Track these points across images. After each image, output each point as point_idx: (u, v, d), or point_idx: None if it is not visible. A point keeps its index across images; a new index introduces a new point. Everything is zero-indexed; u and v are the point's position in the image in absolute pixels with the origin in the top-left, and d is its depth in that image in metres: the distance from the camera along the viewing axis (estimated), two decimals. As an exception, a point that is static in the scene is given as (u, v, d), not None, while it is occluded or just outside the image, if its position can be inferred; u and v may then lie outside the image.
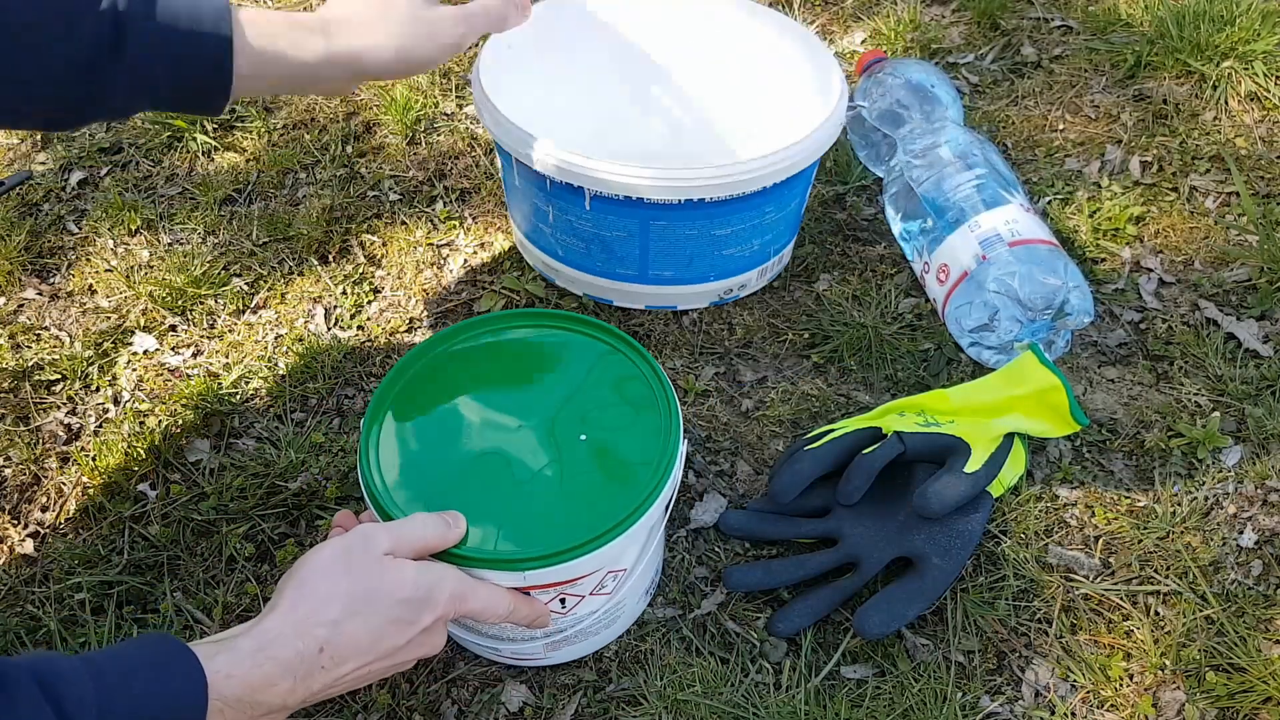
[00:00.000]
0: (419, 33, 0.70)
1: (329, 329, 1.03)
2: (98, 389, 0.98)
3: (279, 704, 0.54)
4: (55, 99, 0.60)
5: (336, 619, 0.55)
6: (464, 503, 0.65)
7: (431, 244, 1.11)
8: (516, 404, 0.72)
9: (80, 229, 1.13)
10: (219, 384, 0.98)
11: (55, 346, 1.02)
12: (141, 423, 0.95)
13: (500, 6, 0.76)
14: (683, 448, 0.70)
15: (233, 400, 0.96)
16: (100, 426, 0.95)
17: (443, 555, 0.63)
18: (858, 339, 0.99)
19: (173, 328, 1.04)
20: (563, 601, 0.69)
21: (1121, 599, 0.81)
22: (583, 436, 0.70)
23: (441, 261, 1.09)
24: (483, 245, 1.11)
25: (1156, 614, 0.80)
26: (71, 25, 0.58)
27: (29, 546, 0.86)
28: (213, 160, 1.22)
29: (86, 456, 0.92)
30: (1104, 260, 1.07)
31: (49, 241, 1.12)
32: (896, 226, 1.06)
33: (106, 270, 1.09)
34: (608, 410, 0.72)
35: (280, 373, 0.98)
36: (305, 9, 1.36)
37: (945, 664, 0.78)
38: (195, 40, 0.61)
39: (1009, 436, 0.86)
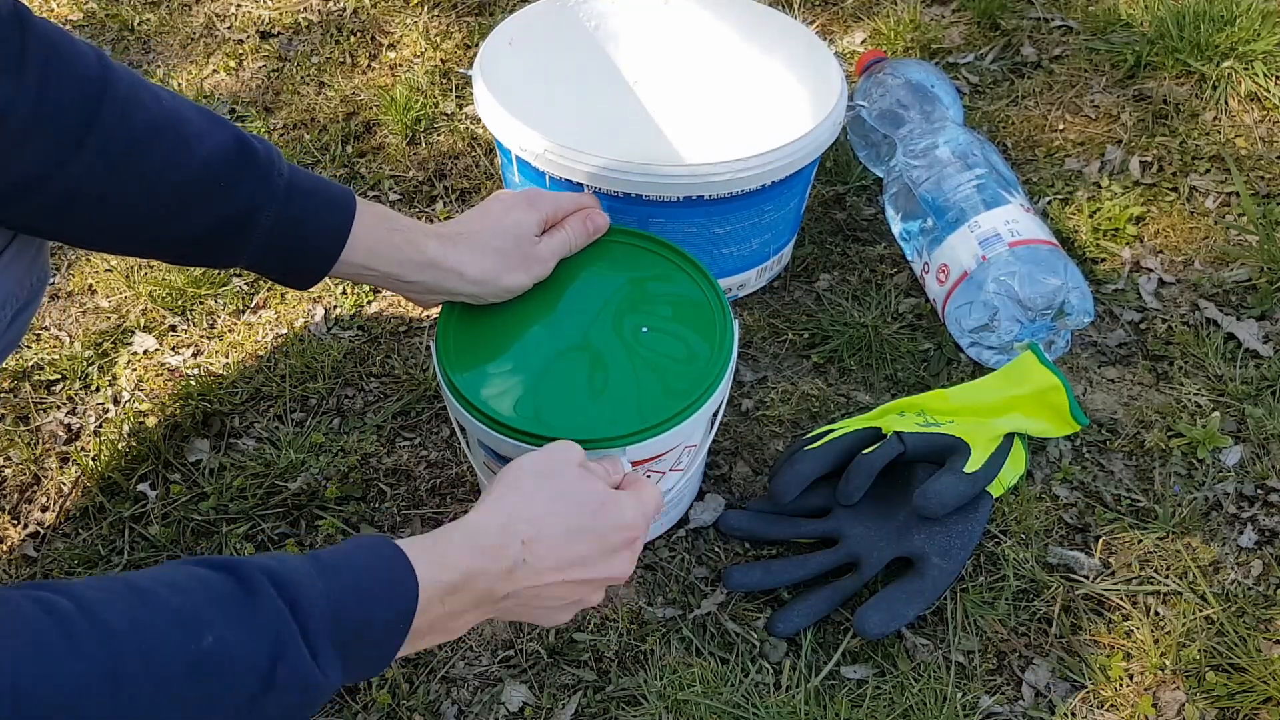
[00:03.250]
0: (519, 265, 0.75)
1: (329, 329, 1.03)
2: (98, 389, 0.98)
3: (487, 594, 0.57)
4: (168, 253, 0.68)
5: (536, 517, 0.59)
6: (553, 395, 0.73)
7: (431, 244, 1.11)
8: (577, 306, 0.79)
9: (80, 229, 1.13)
10: (219, 384, 0.98)
11: (55, 346, 1.02)
12: (141, 423, 0.95)
13: (583, 238, 0.80)
14: (735, 329, 0.77)
15: (233, 400, 0.96)
16: (100, 426, 0.95)
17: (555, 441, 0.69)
18: (858, 339, 0.99)
19: (173, 328, 1.04)
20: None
21: (1121, 599, 0.81)
22: (645, 329, 0.77)
23: (441, 261, 1.09)
24: (483, 245, 1.11)
25: (1156, 614, 0.80)
26: (208, 199, 0.64)
27: (29, 546, 0.86)
28: (213, 160, 1.22)
29: (86, 456, 0.92)
30: (1104, 260, 1.07)
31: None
32: (896, 226, 1.06)
33: (106, 270, 1.09)
34: (659, 303, 0.79)
35: (280, 373, 0.98)
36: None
37: (945, 664, 0.78)
38: (314, 233, 0.68)
39: (1009, 436, 0.86)
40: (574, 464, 0.63)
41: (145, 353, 1.01)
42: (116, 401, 0.97)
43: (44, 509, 0.89)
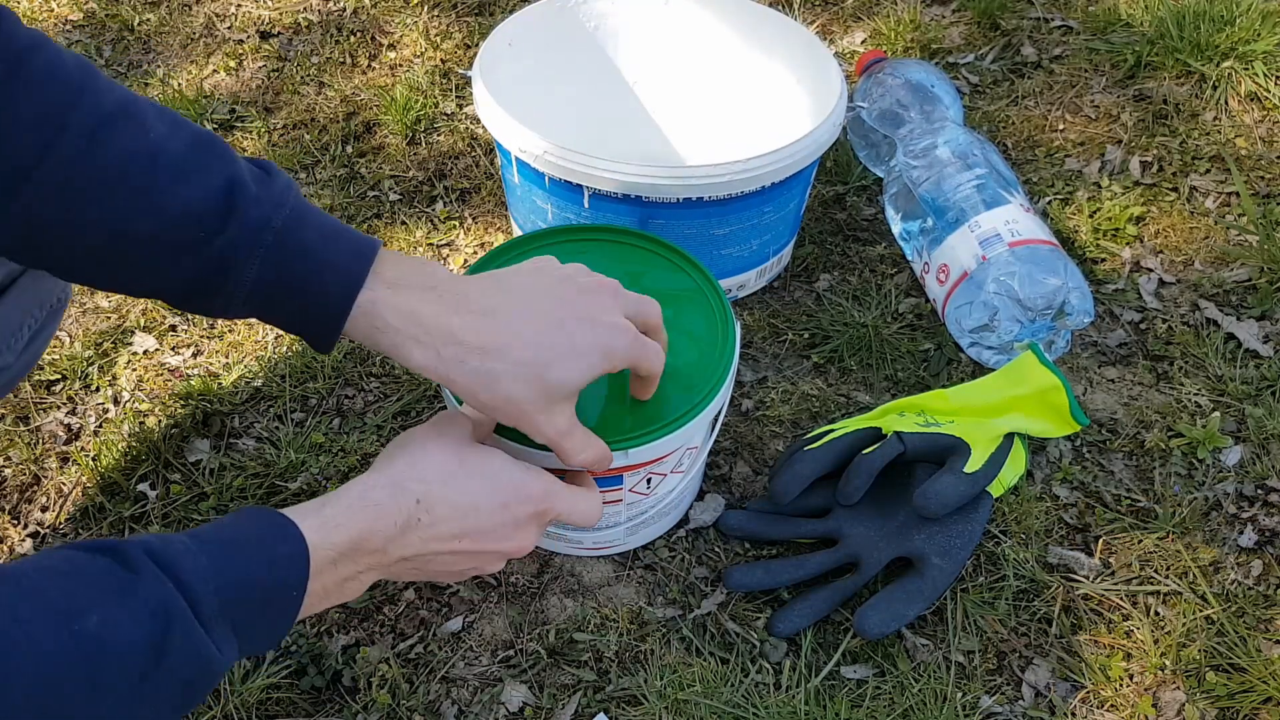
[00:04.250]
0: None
1: (329, 329, 1.03)
2: (98, 389, 0.98)
3: (381, 554, 0.56)
4: (155, 297, 0.59)
5: (431, 479, 0.58)
6: None
7: (431, 244, 1.11)
8: None
9: (80, 229, 1.13)
10: (219, 384, 0.98)
11: (55, 346, 1.02)
12: (141, 423, 0.95)
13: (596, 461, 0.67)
14: (737, 329, 0.76)
15: (233, 400, 0.96)
16: (100, 426, 0.95)
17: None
18: (858, 339, 0.99)
19: (173, 328, 1.04)
20: (648, 482, 0.76)
21: (1121, 599, 0.81)
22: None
23: (442, 261, 1.09)
24: (483, 245, 1.11)
25: (1156, 614, 0.80)
26: (200, 245, 0.55)
27: (29, 546, 0.86)
28: (213, 160, 1.22)
29: (86, 456, 0.92)
30: (1104, 260, 1.07)
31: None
32: (896, 226, 1.06)
33: (106, 270, 1.09)
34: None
35: (280, 373, 0.98)
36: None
37: (945, 664, 0.78)
38: (314, 292, 0.58)
39: (1009, 436, 0.86)
40: (466, 430, 0.62)
41: (145, 353, 1.01)
42: (116, 401, 0.97)
43: (44, 509, 0.89)
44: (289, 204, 0.57)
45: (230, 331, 1.03)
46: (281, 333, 1.02)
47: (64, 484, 0.90)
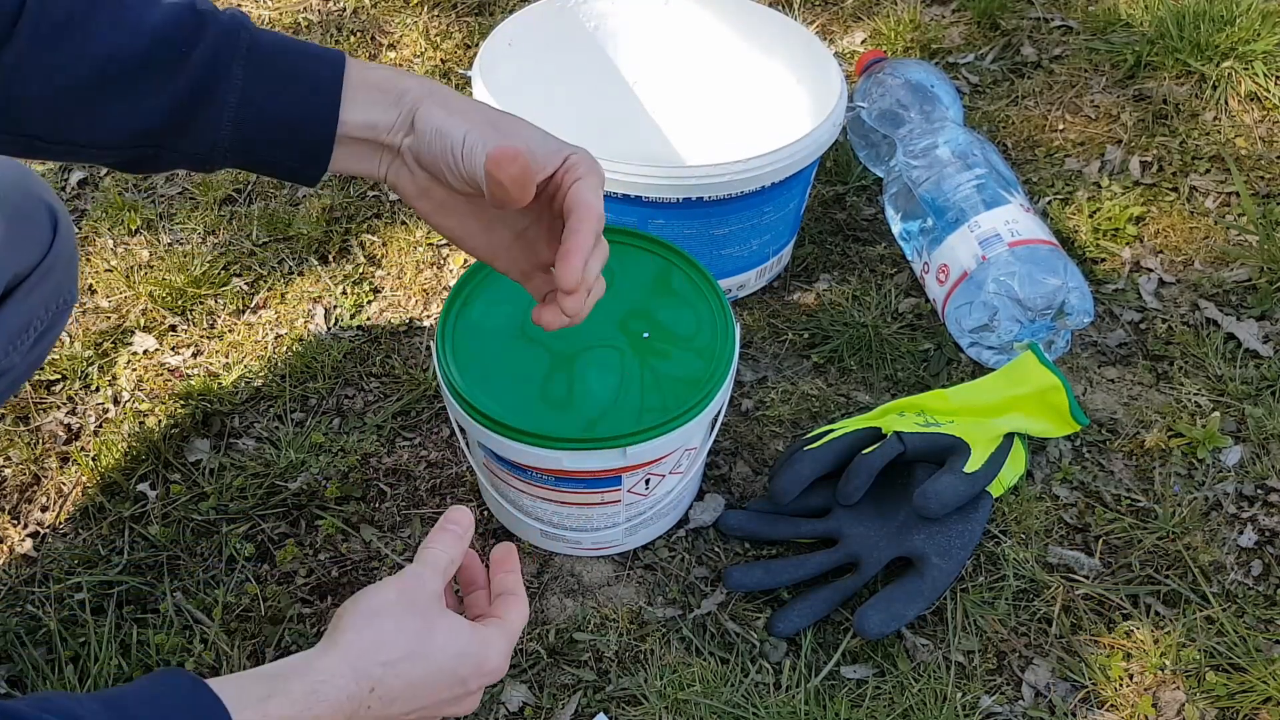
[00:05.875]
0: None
1: (329, 329, 1.03)
2: (98, 389, 0.98)
3: None
4: (135, 146, 0.55)
5: (391, 661, 0.54)
6: (553, 397, 0.73)
7: (431, 244, 1.11)
8: None
9: (80, 229, 1.13)
10: (219, 384, 0.98)
11: (55, 346, 1.01)
12: (141, 423, 0.95)
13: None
14: (737, 329, 0.77)
15: (233, 400, 0.96)
16: (100, 426, 0.95)
17: (553, 442, 0.69)
18: (858, 339, 0.99)
19: (173, 328, 1.04)
20: (647, 483, 0.77)
21: (1121, 599, 0.81)
22: (645, 333, 0.77)
23: (441, 261, 1.09)
24: (483, 245, 1.10)
25: (1156, 614, 0.80)
26: (169, 70, 0.53)
27: (29, 546, 0.86)
28: (213, 160, 1.22)
29: (86, 456, 0.92)
30: (1104, 260, 1.07)
31: (49, 241, 1.12)
32: (896, 226, 1.06)
33: (106, 270, 1.09)
34: (659, 305, 0.79)
35: (280, 373, 0.98)
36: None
37: (945, 664, 0.78)
38: (298, 93, 0.55)
39: (1009, 436, 0.86)
40: (434, 594, 0.57)
41: (145, 353, 1.01)
42: (116, 401, 0.97)
43: (44, 509, 0.89)
44: (250, 22, 0.55)
45: (230, 331, 1.03)
46: (281, 333, 1.02)
47: (64, 484, 0.90)
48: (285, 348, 1.01)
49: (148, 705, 0.47)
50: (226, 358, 1.00)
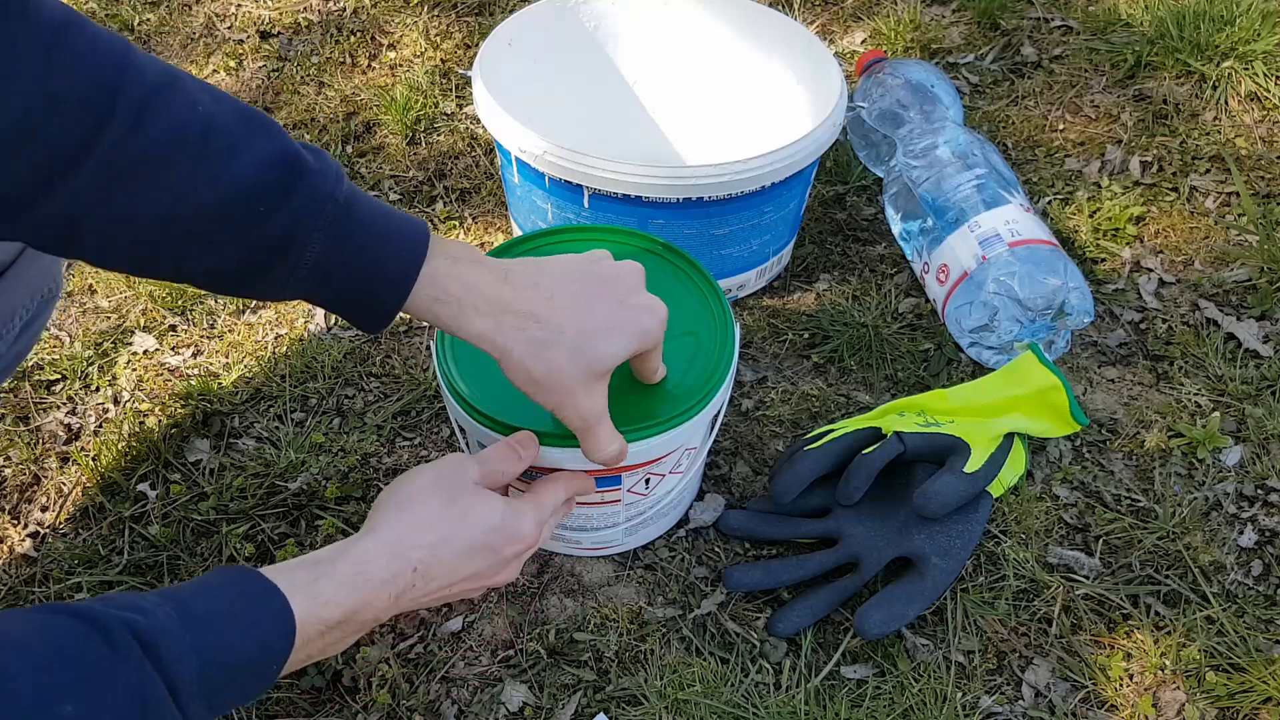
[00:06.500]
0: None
1: (329, 329, 1.03)
2: (98, 389, 0.98)
3: (373, 619, 0.56)
4: (202, 283, 0.57)
5: (432, 543, 0.57)
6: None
7: (431, 244, 1.11)
8: None
9: (80, 229, 1.13)
10: (219, 384, 0.98)
11: (55, 346, 1.02)
12: (141, 423, 0.95)
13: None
14: (737, 329, 0.76)
15: (233, 400, 0.96)
16: (100, 426, 0.95)
17: (554, 439, 0.68)
18: (858, 339, 0.99)
19: (173, 328, 1.04)
20: (647, 483, 0.77)
21: (1121, 599, 0.81)
22: None
23: (441, 261, 1.09)
24: (483, 245, 1.11)
25: (1156, 614, 0.80)
26: (256, 223, 0.53)
27: (29, 546, 0.86)
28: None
29: (86, 456, 0.92)
30: (1104, 260, 1.07)
31: (49, 241, 1.12)
32: (896, 226, 1.06)
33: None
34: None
35: (280, 373, 0.98)
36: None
37: (945, 664, 0.78)
38: (376, 264, 0.57)
39: (1009, 436, 0.86)
40: (470, 480, 0.61)
41: (145, 353, 1.01)
42: (116, 401, 0.97)
43: (44, 509, 0.89)
44: (344, 179, 0.56)
45: (230, 331, 1.03)
46: (281, 332, 1.02)
47: (64, 484, 0.90)
48: (285, 348, 1.01)
49: (203, 593, 0.50)
50: (226, 358, 1.00)
